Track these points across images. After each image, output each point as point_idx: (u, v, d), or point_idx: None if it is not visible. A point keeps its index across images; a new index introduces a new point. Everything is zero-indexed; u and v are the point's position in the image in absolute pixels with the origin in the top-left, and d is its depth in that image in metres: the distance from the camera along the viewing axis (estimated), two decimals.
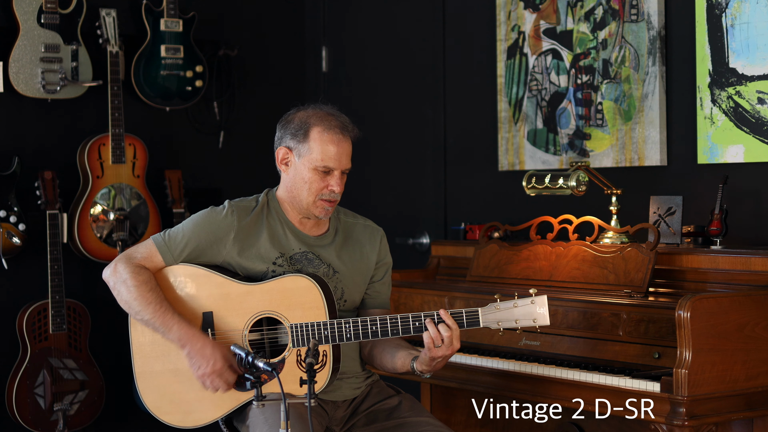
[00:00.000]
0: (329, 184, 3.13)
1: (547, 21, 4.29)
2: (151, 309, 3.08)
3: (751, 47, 3.60)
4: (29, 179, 4.70)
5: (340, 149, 3.12)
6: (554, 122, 4.26)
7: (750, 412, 3.14)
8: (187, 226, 3.17)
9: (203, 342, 3.06)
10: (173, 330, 3.07)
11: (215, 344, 3.06)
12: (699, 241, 3.59)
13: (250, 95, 5.37)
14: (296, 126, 3.16)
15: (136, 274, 3.10)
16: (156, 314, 3.07)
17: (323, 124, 3.13)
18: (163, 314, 3.07)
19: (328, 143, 3.12)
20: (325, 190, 3.14)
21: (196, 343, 3.06)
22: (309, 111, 3.18)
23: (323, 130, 3.13)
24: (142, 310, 3.08)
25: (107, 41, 4.79)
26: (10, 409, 4.58)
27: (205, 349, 3.05)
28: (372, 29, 5.23)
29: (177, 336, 3.07)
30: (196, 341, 3.06)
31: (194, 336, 3.06)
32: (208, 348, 3.05)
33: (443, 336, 3.01)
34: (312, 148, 3.12)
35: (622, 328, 3.28)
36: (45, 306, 4.63)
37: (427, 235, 4.90)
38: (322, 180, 3.13)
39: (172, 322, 3.07)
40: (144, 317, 3.09)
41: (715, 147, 3.70)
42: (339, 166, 3.13)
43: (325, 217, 3.19)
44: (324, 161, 3.12)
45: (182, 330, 3.07)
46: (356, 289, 3.26)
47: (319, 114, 3.16)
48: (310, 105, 3.21)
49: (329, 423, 3.20)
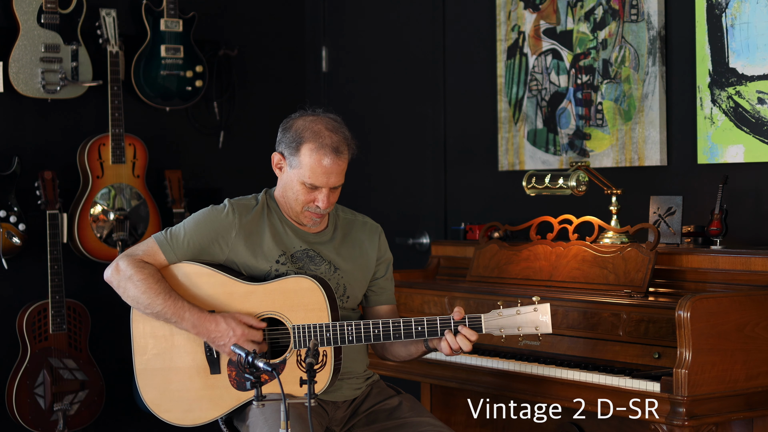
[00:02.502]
0: (316, 199, 3.13)
1: (547, 21, 4.29)
2: (161, 299, 3.07)
3: (751, 47, 3.60)
4: (29, 179, 4.70)
5: (328, 170, 3.10)
6: (554, 122, 4.26)
7: (750, 412, 3.14)
8: (188, 224, 3.17)
9: (215, 320, 3.06)
10: (185, 317, 3.07)
11: (225, 315, 3.07)
12: (699, 241, 3.59)
13: (250, 95, 5.37)
14: (291, 136, 3.14)
15: (141, 269, 3.10)
16: (166, 303, 3.07)
17: (316, 142, 3.10)
18: (174, 303, 3.08)
19: (317, 163, 3.09)
20: (312, 204, 3.14)
21: (209, 324, 3.06)
22: (307, 121, 3.14)
23: (315, 148, 3.10)
24: (152, 303, 3.08)
25: (107, 41, 4.79)
26: (10, 409, 4.58)
27: (220, 324, 3.05)
28: (372, 29, 5.23)
29: (192, 323, 3.07)
30: (208, 323, 3.06)
31: (206, 318, 3.07)
32: (222, 322, 3.05)
33: (462, 346, 3.05)
34: (301, 163, 3.11)
35: (622, 328, 3.28)
36: (45, 306, 4.63)
37: (427, 235, 4.90)
38: (309, 194, 3.13)
39: (183, 309, 3.07)
40: (154, 309, 3.09)
41: (715, 147, 3.70)
42: (327, 184, 3.11)
43: (313, 227, 3.20)
44: (311, 179, 3.10)
45: (194, 315, 3.07)
46: (358, 286, 3.26)
47: (315, 128, 3.12)
48: (311, 112, 3.18)
49: (329, 423, 3.20)
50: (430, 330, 3.08)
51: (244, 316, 3.08)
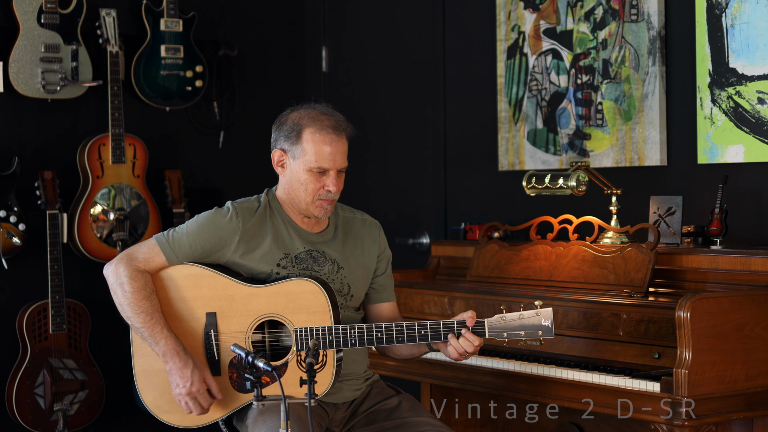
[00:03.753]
0: (325, 185, 3.13)
1: (547, 21, 4.28)
2: (142, 318, 3.07)
3: (751, 47, 3.60)
4: (29, 179, 4.70)
5: (333, 149, 3.11)
6: (554, 122, 4.26)
7: (750, 412, 3.14)
8: (191, 227, 3.16)
9: (185, 361, 3.05)
10: (160, 344, 3.06)
11: (197, 366, 3.06)
12: (699, 241, 3.59)
13: (250, 95, 5.37)
14: (289, 128, 3.15)
15: (134, 279, 3.09)
16: (146, 324, 3.07)
17: (315, 125, 3.12)
18: (153, 326, 3.07)
19: (321, 144, 3.11)
20: (322, 191, 3.13)
21: (178, 362, 3.05)
22: (301, 111, 3.17)
23: (316, 130, 3.11)
24: (134, 317, 3.08)
25: (107, 41, 4.79)
26: (10, 409, 4.58)
27: (185, 369, 3.04)
28: (372, 29, 5.23)
29: (162, 351, 3.06)
30: (178, 359, 3.05)
31: (178, 354, 3.05)
32: (188, 368, 3.04)
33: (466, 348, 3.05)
34: (305, 150, 3.11)
35: (622, 328, 3.28)
36: (45, 306, 4.63)
37: (427, 235, 4.90)
38: (318, 180, 3.13)
39: (160, 336, 3.06)
40: (134, 324, 3.09)
41: (715, 147, 3.70)
42: (334, 165, 3.12)
43: (324, 217, 3.18)
44: (318, 162, 3.11)
45: (168, 346, 3.06)
46: (360, 284, 3.26)
47: (311, 114, 3.15)
48: (303, 105, 3.20)
49: (329, 424, 3.20)
50: (433, 334, 3.07)
51: (212, 380, 3.06)
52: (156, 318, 3.07)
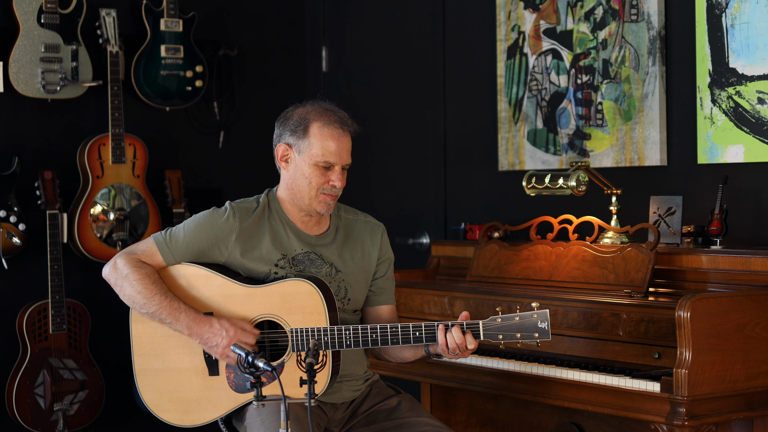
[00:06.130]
0: (330, 179, 3.14)
1: (547, 21, 4.29)
2: (157, 300, 3.07)
3: (751, 47, 3.60)
4: (29, 179, 4.70)
5: (340, 144, 3.13)
6: (554, 122, 4.26)
7: (750, 412, 3.14)
8: (188, 226, 3.16)
9: (209, 322, 3.06)
10: (181, 319, 3.07)
11: (218, 317, 3.07)
12: (699, 241, 3.58)
13: (250, 95, 5.37)
14: (295, 122, 3.16)
15: (138, 268, 3.09)
16: (162, 305, 3.07)
17: (323, 120, 3.14)
18: (169, 304, 3.07)
19: (327, 138, 3.12)
20: (326, 185, 3.14)
21: (204, 325, 3.06)
22: (308, 107, 3.19)
23: (323, 125, 3.13)
24: (148, 303, 3.08)
25: (107, 41, 4.79)
26: (10, 409, 4.58)
27: (213, 326, 3.05)
28: (372, 29, 5.23)
29: (186, 324, 3.07)
30: (203, 323, 3.06)
31: (200, 320, 3.06)
32: (215, 323, 3.05)
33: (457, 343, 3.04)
34: (312, 144, 3.12)
35: (622, 328, 3.28)
36: (45, 306, 4.63)
37: (427, 235, 4.90)
38: (323, 175, 3.13)
39: (179, 311, 3.07)
40: (150, 310, 3.08)
41: (715, 147, 3.70)
42: (339, 161, 3.13)
43: (326, 212, 3.18)
44: (324, 156, 3.12)
45: (189, 318, 3.06)
46: (359, 288, 3.25)
47: (318, 110, 3.17)
48: (309, 102, 3.22)
49: (328, 424, 3.20)
50: (428, 335, 3.06)
51: (238, 320, 3.08)
52: (170, 296, 3.08)
